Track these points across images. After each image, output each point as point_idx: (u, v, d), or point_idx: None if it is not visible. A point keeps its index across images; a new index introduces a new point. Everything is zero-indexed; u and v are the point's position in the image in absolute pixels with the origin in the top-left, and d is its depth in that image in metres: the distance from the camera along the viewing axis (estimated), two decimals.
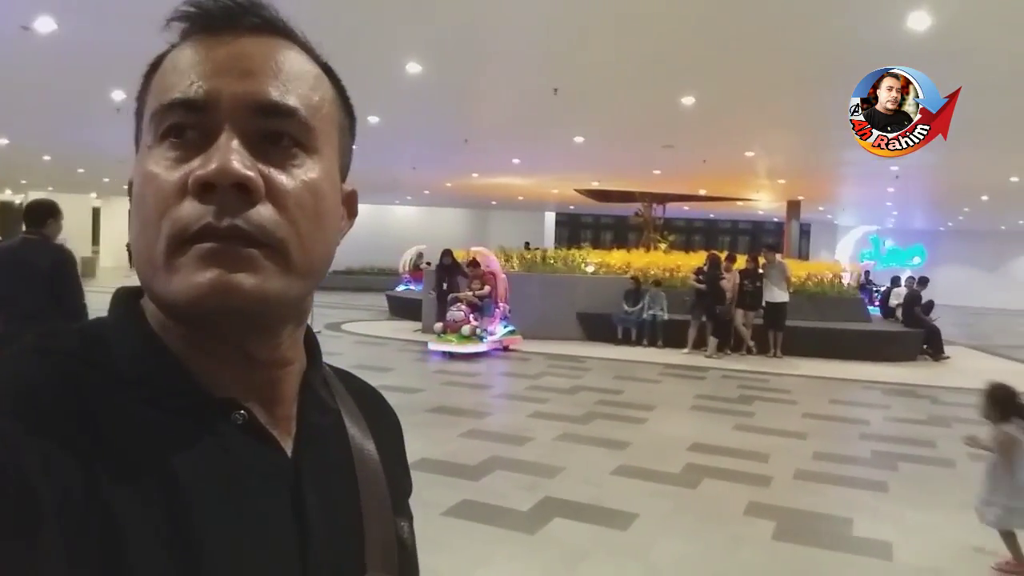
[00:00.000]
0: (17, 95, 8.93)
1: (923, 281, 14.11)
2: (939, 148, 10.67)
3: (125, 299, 0.59)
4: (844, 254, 30.90)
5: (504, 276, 11.81)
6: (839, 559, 4.10)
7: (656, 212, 20.47)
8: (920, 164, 12.67)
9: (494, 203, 27.76)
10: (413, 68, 7.11)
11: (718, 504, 4.90)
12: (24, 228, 4.53)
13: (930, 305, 13.81)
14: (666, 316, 12.32)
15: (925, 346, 12.58)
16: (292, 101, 0.55)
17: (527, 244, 19.13)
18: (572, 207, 29.26)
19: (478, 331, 10.58)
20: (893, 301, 14.67)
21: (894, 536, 4.41)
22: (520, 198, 23.94)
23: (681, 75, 7.37)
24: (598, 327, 12.82)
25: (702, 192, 19.90)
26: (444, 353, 10.39)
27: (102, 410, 0.50)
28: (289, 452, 0.59)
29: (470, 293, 11.07)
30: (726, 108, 8.88)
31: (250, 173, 0.51)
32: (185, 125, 0.53)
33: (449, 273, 12.22)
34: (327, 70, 0.62)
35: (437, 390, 8.18)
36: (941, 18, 5.11)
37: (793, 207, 20.05)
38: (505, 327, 11.35)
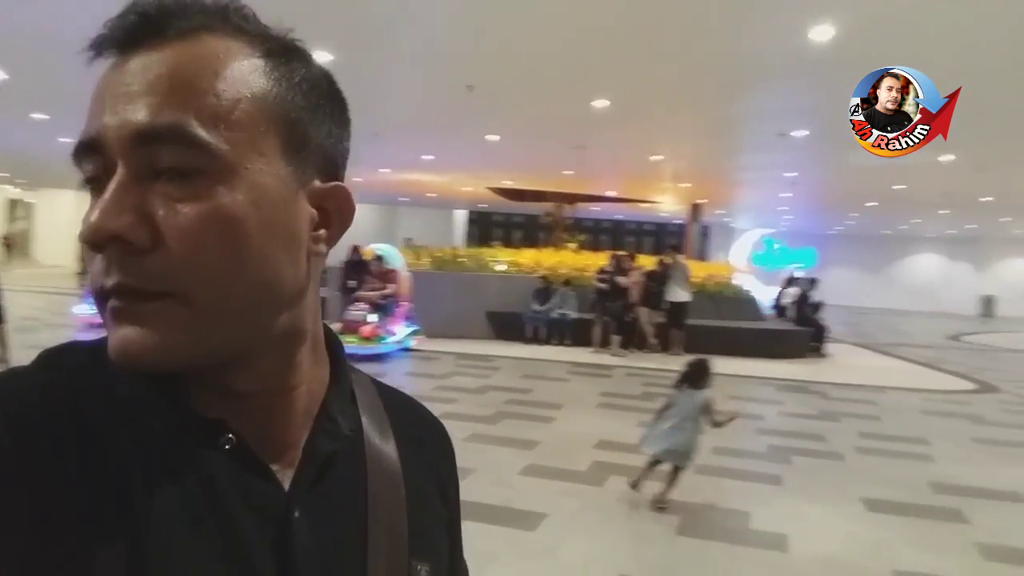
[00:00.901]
0: None
1: (812, 282, 14.88)
2: (833, 157, 11.31)
3: None
4: (739, 255, 32.30)
5: (407, 274, 11.55)
6: (739, 552, 4.25)
7: (566, 212, 20.74)
8: (815, 170, 13.36)
9: (404, 200, 27.45)
10: (323, 57, 6.90)
11: (623, 501, 4.99)
12: None
13: (819, 305, 14.57)
14: (575, 315, 12.50)
15: (814, 343, 13.30)
16: (168, 117, 0.47)
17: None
18: (484, 205, 29.29)
19: (380, 332, 10.23)
20: (785, 300, 15.43)
21: (789, 528, 4.61)
22: (431, 195, 23.76)
23: (594, 79, 7.46)
24: (508, 326, 12.87)
25: (611, 193, 20.30)
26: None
27: (94, 429, 0.49)
28: (288, 482, 0.55)
29: (374, 293, 10.69)
30: (636, 113, 9.07)
31: (119, 224, 0.46)
32: (94, 173, 0.49)
33: (357, 271, 11.85)
34: (284, 53, 0.53)
35: None
36: (843, 30, 5.35)
37: (696, 210, 20.74)
38: (408, 327, 11.02)
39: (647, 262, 12.57)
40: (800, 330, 13.55)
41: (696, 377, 4.89)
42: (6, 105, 9.48)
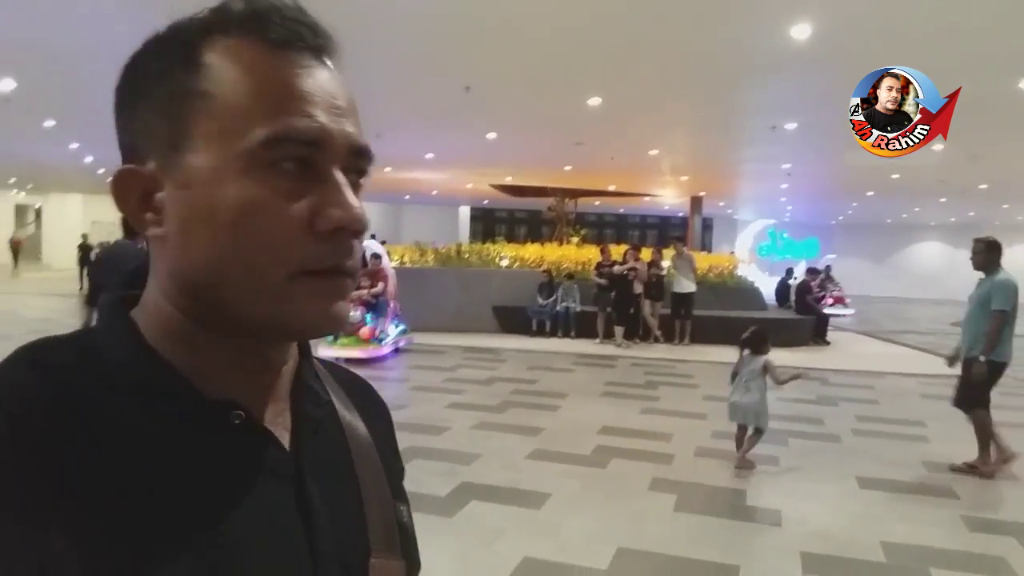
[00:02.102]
0: None
1: (813, 271, 15.05)
2: (825, 148, 11.47)
3: (114, 307, 0.58)
4: (744, 247, 32.43)
5: (392, 272, 11.01)
6: (734, 527, 4.45)
7: (569, 207, 20.93)
8: (808, 161, 13.51)
9: (407, 197, 27.66)
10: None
11: (625, 481, 5.20)
12: None
13: (821, 295, 14.75)
14: (578, 308, 12.69)
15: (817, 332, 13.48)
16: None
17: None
18: (486, 201, 29.48)
19: (378, 333, 9.84)
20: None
21: (784, 505, 4.81)
22: (434, 192, 23.97)
23: (587, 77, 7.67)
24: (513, 319, 13.07)
25: (612, 188, 20.49)
26: (338, 359, 9.45)
27: (101, 420, 0.51)
28: (287, 445, 0.60)
29: (364, 292, 10.06)
30: (630, 109, 9.27)
31: (366, 217, 0.56)
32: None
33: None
34: None
35: None
36: (821, 28, 5.56)
37: (696, 202, 20.93)
38: (397, 326, 10.58)
39: (647, 255, 12.75)
40: (802, 319, 13.71)
41: (755, 343, 5.56)
42: (17, 113, 9.72)
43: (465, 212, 32.71)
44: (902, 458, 6.04)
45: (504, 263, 14.69)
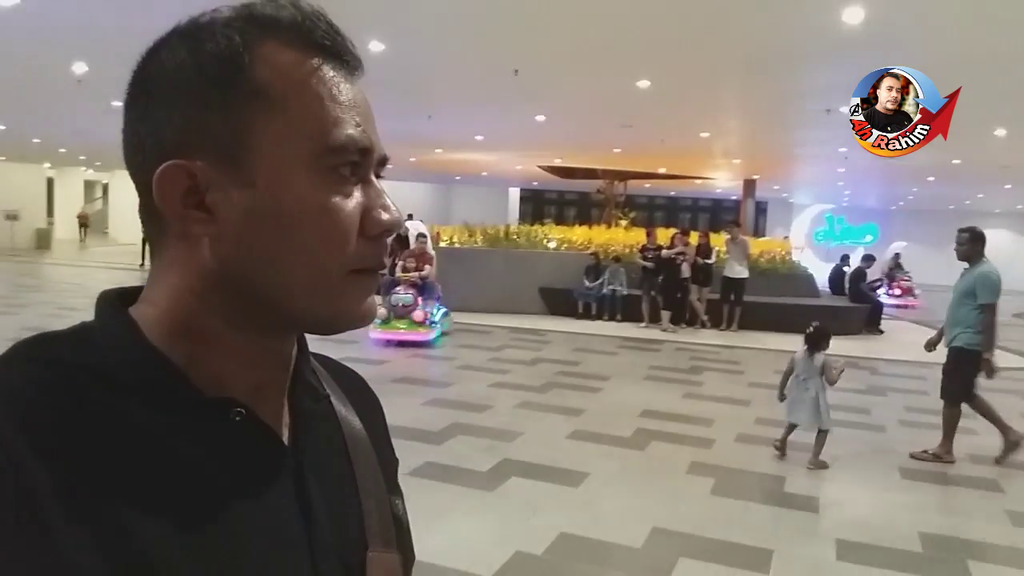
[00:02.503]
0: None
1: (868, 258, 14.71)
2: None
3: (112, 303, 0.58)
4: (799, 232, 31.73)
5: (433, 253, 10.61)
6: (770, 511, 4.50)
7: (618, 190, 20.81)
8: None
9: (458, 178, 27.85)
10: (376, 47, 7.26)
11: (663, 464, 5.28)
12: None
13: (876, 282, 14.41)
14: (625, 291, 12.70)
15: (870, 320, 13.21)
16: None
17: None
18: (536, 183, 29.47)
19: (430, 316, 9.55)
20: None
21: (821, 492, 4.83)
22: (484, 174, 24.09)
23: (636, 60, 7.64)
24: (559, 301, 13.15)
25: (662, 170, 20.28)
26: (389, 342, 9.10)
27: (102, 417, 0.51)
28: (286, 439, 0.61)
29: (414, 274, 9.79)
30: (679, 92, 9.20)
31: None
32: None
33: (393, 250, 11.39)
34: None
35: (401, 362, 8.42)
36: (873, 12, 5.46)
37: (749, 186, 20.57)
38: (438, 310, 10.08)
39: (695, 239, 12.65)
40: (855, 307, 13.44)
41: (815, 340, 5.38)
42: (87, 95, 10.14)
43: (515, 194, 32.75)
44: None
45: (551, 245, 14.75)
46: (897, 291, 18.57)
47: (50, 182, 30.14)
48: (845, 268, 15.32)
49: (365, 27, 6.65)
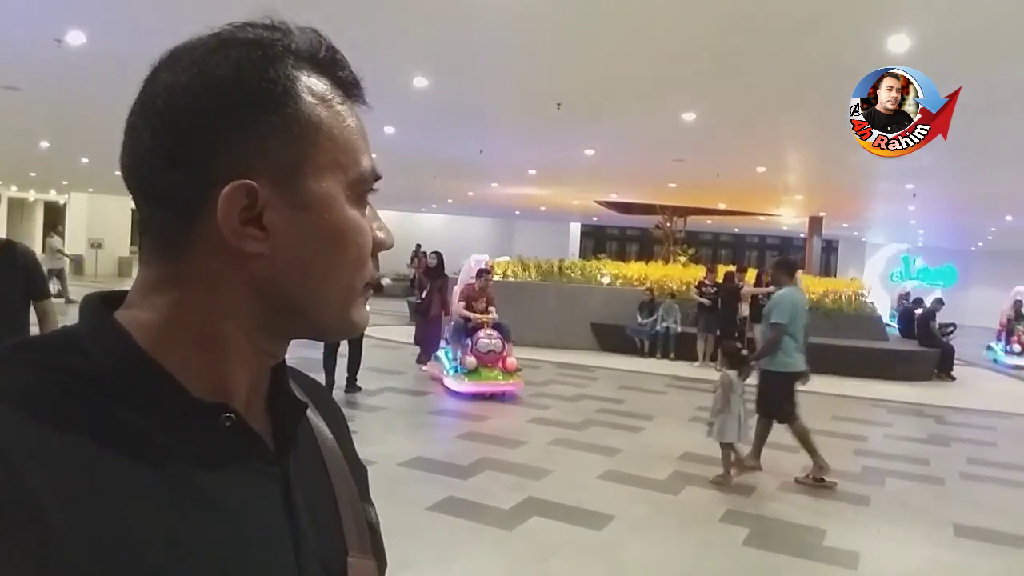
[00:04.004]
0: (53, 102, 9.38)
1: (938, 301, 14.03)
2: (945, 167, 10.71)
3: (98, 308, 0.58)
4: (873, 272, 30.59)
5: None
6: (803, 566, 4.23)
7: (677, 225, 20.53)
8: (931, 182, 12.67)
9: (517, 213, 28.00)
10: (420, 82, 7.38)
11: (695, 510, 5.05)
12: None
13: (949, 326, 13.70)
14: (679, 328, 12.41)
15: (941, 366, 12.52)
16: None
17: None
18: (595, 218, 29.37)
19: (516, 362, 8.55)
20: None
21: (864, 547, 4.52)
22: (542, 208, 24.13)
23: (678, 92, 7.54)
24: (611, 337, 12.95)
25: (722, 206, 19.92)
26: (482, 395, 8.09)
27: (94, 421, 0.51)
28: (270, 446, 0.62)
29: (488, 315, 8.75)
30: (727, 125, 9.01)
31: None
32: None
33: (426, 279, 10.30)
34: None
35: (441, 394, 8.38)
36: (919, 41, 5.25)
37: (815, 223, 19.97)
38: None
39: (751, 276, 12.31)
40: (925, 351, 12.79)
41: (745, 361, 5.86)
42: None
43: (576, 229, 32.69)
44: (1010, 506, 5.54)
45: (605, 280, 14.60)
46: (1017, 347, 15.46)
47: (133, 213, 31.64)
48: (918, 310, 14.63)
49: (407, 61, 6.78)
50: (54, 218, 30.19)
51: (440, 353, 9.06)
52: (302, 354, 10.19)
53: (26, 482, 0.46)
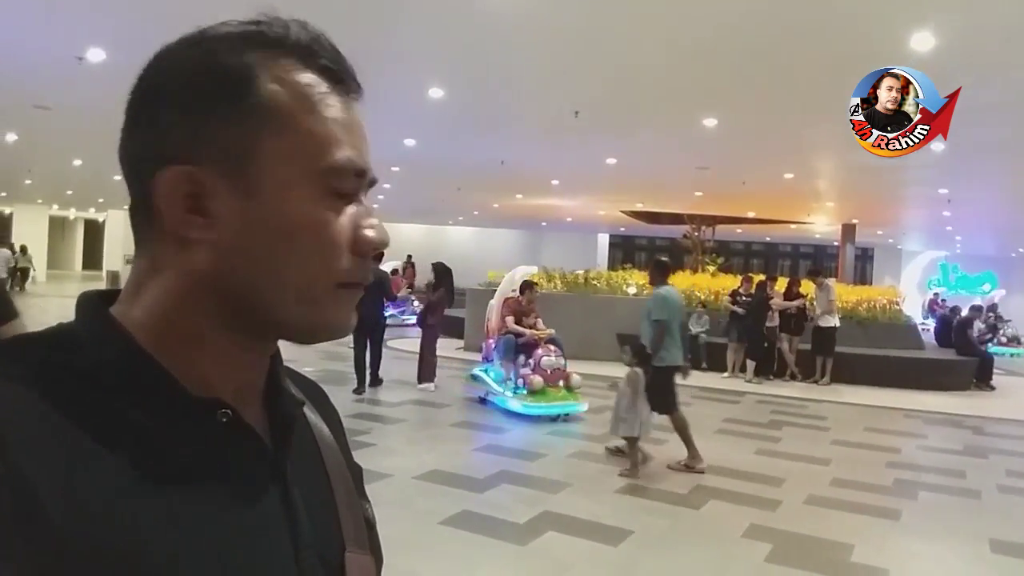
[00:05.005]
0: (82, 119, 9.55)
1: (976, 308, 13.62)
2: (976, 171, 10.38)
3: (94, 304, 0.58)
4: (911, 280, 29.90)
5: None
6: None
7: (706, 235, 20.29)
8: (965, 187, 12.33)
9: (544, 224, 27.94)
10: (435, 92, 7.36)
11: (717, 525, 4.89)
12: None
13: (988, 335, 13.28)
14: (707, 338, 12.20)
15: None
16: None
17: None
18: (623, 229, 29.19)
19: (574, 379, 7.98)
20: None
21: (893, 564, 4.33)
22: (569, 219, 24.04)
23: (697, 97, 7.42)
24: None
25: (751, 214, 19.64)
26: (550, 418, 7.57)
27: (91, 417, 0.51)
28: (267, 442, 0.61)
29: (541, 330, 8.29)
30: (751, 130, 8.85)
31: None
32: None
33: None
34: None
35: (462, 406, 8.30)
36: (943, 39, 5.08)
37: (848, 230, 19.58)
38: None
39: (781, 285, 12.06)
40: (963, 360, 12.41)
41: (633, 356, 5.94)
42: None
43: (604, 239, 32.52)
44: None
45: (631, 291, 14.43)
46: None
47: None
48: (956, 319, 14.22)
49: (423, 73, 6.77)
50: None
51: (478, 371, 8.56)
52: (327, 366, 10.31)
53: (25, 478, 0.46)
